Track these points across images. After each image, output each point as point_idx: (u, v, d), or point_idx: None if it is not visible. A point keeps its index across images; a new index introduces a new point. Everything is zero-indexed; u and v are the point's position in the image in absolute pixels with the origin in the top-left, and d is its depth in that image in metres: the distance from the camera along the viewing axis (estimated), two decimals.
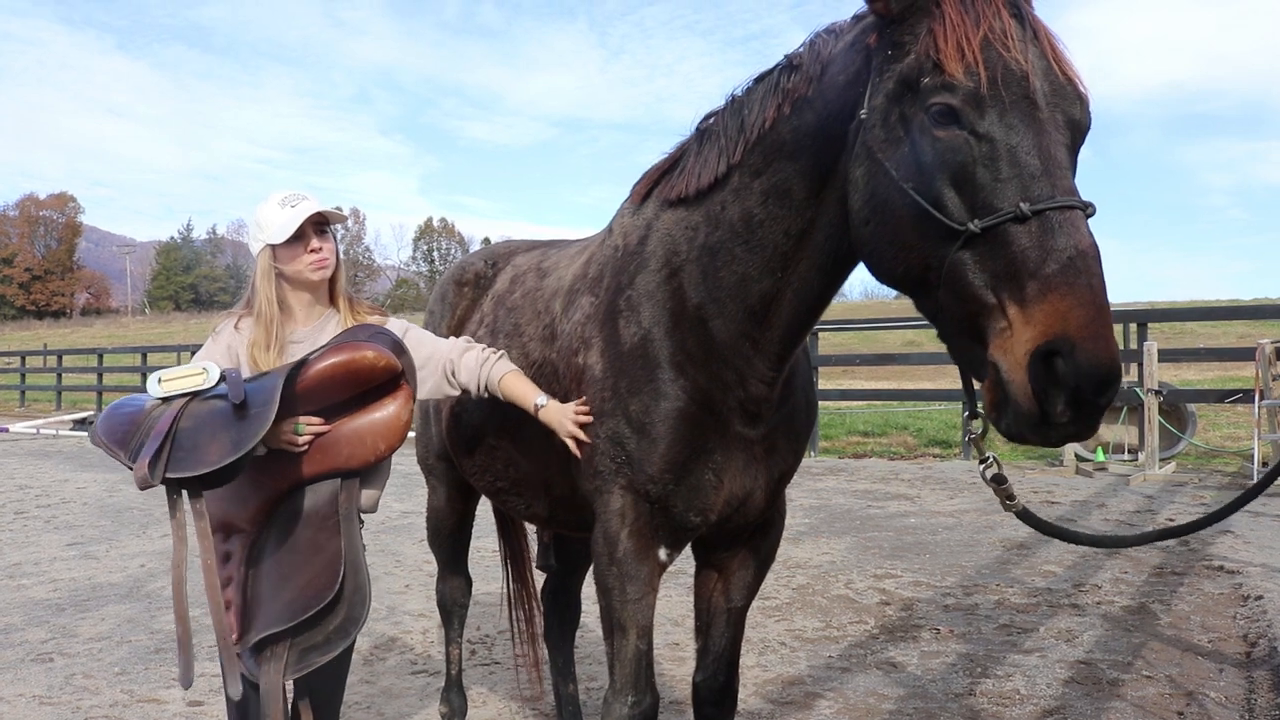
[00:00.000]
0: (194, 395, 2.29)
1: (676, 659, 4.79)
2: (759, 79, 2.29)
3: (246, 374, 2.46)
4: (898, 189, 1.82)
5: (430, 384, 2.66)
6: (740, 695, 2.95)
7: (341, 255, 2.68)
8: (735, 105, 2.32)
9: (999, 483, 1.97)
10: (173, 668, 4.80)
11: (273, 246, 2.53)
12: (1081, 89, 1.78)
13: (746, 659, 4.65)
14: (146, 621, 5.66)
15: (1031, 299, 1.61)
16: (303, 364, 2.36)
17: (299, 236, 2.53)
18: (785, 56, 2.24)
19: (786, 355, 2.37)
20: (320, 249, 2.56)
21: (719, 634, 2.75)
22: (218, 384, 2.30)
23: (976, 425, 1.93)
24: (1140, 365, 10.68)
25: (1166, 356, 11.19)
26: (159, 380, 2.32)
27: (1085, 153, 1.90)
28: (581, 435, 2.46)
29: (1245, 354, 11.12)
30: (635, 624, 2.43)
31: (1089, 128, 1.80)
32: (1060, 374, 1.57)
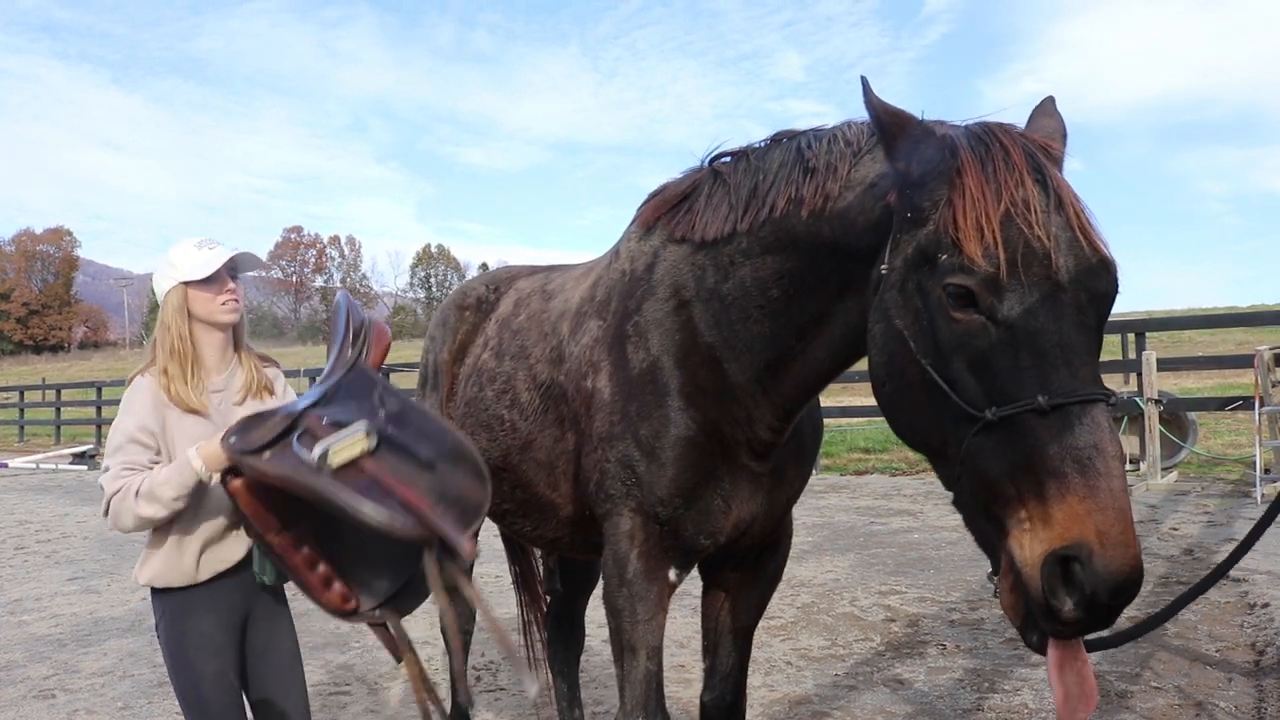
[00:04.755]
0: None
1: (682, 681, 4.77)
2: (776, 140, 2.28)
3: (168, 414, 2.48)
4: (914, 363, 1.76)
5: None
6: (747, 716, 2.94)
7: (242, 302, 2.67)
8: (750, 164, 2.29)
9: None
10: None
11: (186, 285, 2.57)
12: (1107, 256, 1.69)
13: (753, 679, 4.62)
14: (149, 655, 5.62)
15: (1051, 499, 1.55)
16: (357, 364, 2.33)
17: (214, 278, 2.58)
18: (805, 135, 2.19)
19: (794, 411, 2.38)
20: (234, 290, 2.63)
21: (726, 653, 2.75)
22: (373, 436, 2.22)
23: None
24: (1139, 375, 10.71)
25: (1165, 365, 11.18)
26: (327, 457, 2.14)
27: (1078, 164, 1.88)
28: None
29: (1244, 361, 11.13)
30: (645, 644, 2.42)
31: (1116, 294, 1.71)
32: (1077, 579, 1.53)
